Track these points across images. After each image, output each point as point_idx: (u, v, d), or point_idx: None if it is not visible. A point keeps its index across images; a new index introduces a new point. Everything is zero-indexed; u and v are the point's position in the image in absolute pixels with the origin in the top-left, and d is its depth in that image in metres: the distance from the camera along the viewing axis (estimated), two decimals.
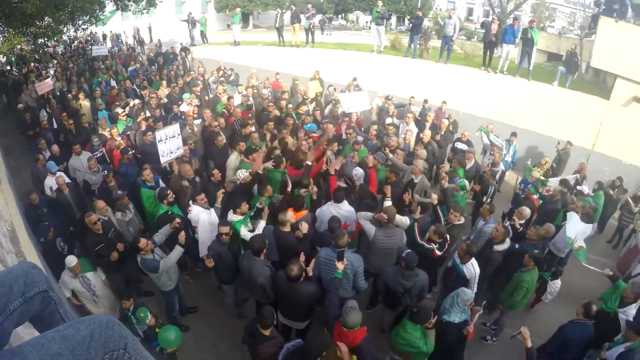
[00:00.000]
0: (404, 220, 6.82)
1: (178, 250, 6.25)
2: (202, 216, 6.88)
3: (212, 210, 6.94)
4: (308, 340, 4.37)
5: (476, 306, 5.68)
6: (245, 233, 6.64)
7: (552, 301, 7.57)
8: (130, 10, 20.60)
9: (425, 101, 13.53)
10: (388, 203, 7.02)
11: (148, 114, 11.31)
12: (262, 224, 6.71)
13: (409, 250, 5.91)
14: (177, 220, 6.49)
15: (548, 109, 14.14)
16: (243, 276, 6.14)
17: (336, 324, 5.03)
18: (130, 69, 18.31)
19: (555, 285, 7.22)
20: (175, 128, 8.57)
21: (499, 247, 6.80)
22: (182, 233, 6.23)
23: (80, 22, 17.74)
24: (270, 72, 15.88)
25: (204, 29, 22.62)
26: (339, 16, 38.94)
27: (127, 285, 7.30)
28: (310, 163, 8.05)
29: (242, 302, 7.41)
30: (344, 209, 6.93)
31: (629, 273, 8.42)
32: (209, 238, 6.66)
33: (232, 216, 6.81)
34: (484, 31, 15.65)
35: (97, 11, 18.21)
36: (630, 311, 6.27)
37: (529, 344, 5.23)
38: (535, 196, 9.00)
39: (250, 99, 13.19)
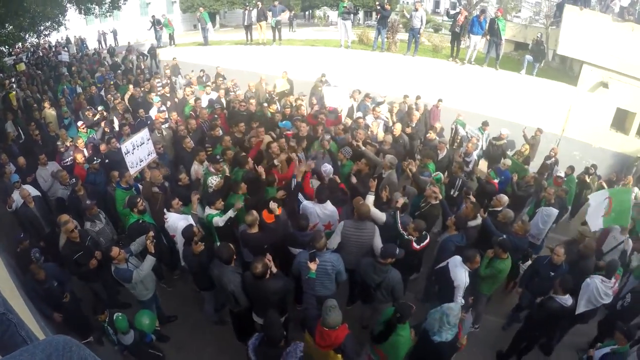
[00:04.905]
0: (380, 215, 6.78)
1: (150, 260, 6.13)
2: (180, 224, 6.71)
3: (190, 216, 6.85)
4: (265, 328, 4.47)
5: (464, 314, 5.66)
6: (217, 220, 6.73)
7: None
8: (93, 13, 20.20)
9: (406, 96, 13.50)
10: (371, 197, 6.99)
11: (116, 120, 11.16)
12: (230, 213, 6.84)
13: (391, 243, 5.97)
14: (151, 233, 6.32)
15: (517, 97, 14.35)
16: (214, 284, 6.06)
17: (317, 324, 4.97)
18: (96, 75, 17.99)
19: (526, 266, 7.40)
20: (143, 135, 8.36)
21: (473, 223, 7.24)
22: (149, 243, 6.12)
23: (42, 28, 17.35)
24: (240, 72, 15.85)
25: (170, 30, 22.31)
26: (306, 13, 38.85)
27: (106, 294, 7.20)
28: (277, 163, 8.12)
29: (221, 307, 7.27)
30: (328, 208, 6.90)
31: (602, 251, 8.53)
32: None
33: (208, 210, 6.88)
34: (451, 21, 15.71)
35: (59, 16, 17.79)
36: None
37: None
38: (495, 180, 9.12)
39: (223, 100, 13.07)
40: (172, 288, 8.24)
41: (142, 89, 14.24)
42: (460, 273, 6.03)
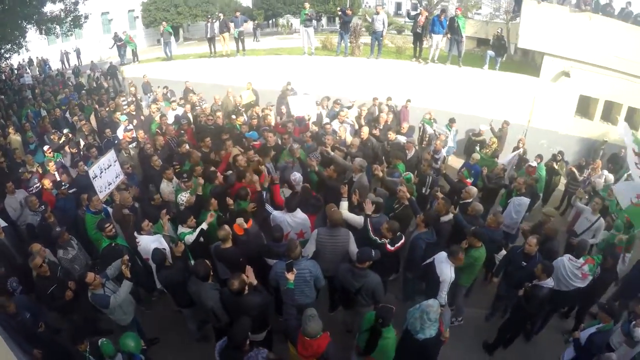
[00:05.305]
0: (357, 219, 6.85)
1: (127, 285, 6.04)
2: (152, 246, 6.60)
3: (161, 236, 6.79)
4: (231, 331, 4.70)
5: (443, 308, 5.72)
6: (188, 238, 6.69)
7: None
8: (54, 33, 19.81)
9: (375, 99, 13.65)
10: (345, 203, 7.06)
11: (82, 143, 10.96)
12: (203, 226, 6.80)
13: (366, 247, 5.98)
14: (126, 257, 6.20)
15: (482, 92, 14.59)
16: (194, 301, 6.02)
17: (298, 334, 4.96)
18: (59, 97, 17.66)
19: (501, 256, 7.62)
20: (109, 157, 8.20)
21: (445, 218, 7.34)
22: (124, 268, 6.03)
23: (2, 50, 17.03)
24: (205, 85, 15.78)
25: (132, 46, 21.98)
26: (270, 22, 38.90)
27: (86, 323, 6.96)
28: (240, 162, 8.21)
29: (203, 325, 7.16)
30: (298, 216, 6.90)
31: (574, 232, 8.82)
32: None
33: (181, 229, 6.87)
34: (412, 22, 15.87)
35: (19, 38, 17.46)
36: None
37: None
38: (469, 180, 9.29)
39: (190, 115, 12.94)
40: (151, 310, 8.09)
41: (107, 108, 14.02)
42: (446, 268, 6.13)
